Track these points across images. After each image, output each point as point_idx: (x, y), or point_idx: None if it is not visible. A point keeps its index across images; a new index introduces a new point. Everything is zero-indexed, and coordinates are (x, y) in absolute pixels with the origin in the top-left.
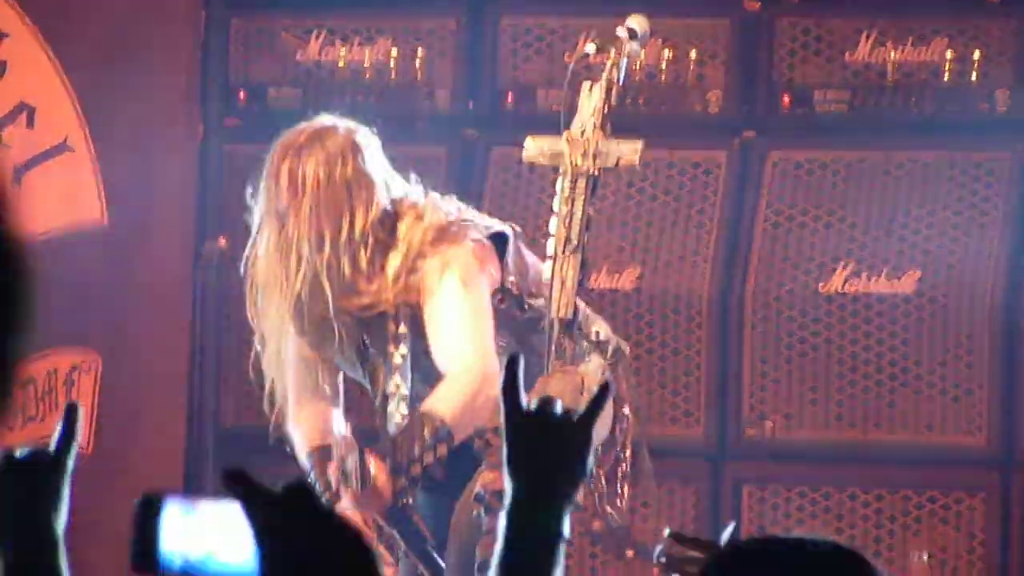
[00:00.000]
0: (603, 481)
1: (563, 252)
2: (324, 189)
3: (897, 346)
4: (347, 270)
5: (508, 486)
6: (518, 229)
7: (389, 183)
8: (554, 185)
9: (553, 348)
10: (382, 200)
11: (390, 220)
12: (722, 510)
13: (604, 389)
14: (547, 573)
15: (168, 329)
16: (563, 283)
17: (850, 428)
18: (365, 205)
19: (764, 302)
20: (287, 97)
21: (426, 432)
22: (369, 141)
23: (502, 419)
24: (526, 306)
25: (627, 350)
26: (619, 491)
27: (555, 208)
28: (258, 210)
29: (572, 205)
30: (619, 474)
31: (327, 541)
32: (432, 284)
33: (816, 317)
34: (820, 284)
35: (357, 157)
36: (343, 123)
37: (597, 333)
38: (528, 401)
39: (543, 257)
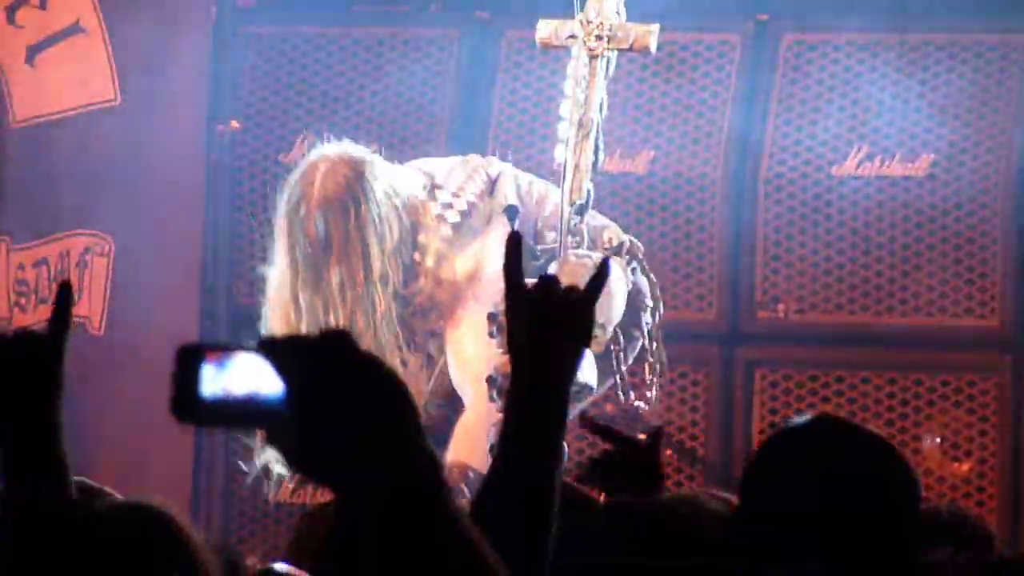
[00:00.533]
0: (625, 370)
1: (577, 136)
2: (344, 240)
3: (911, 229)
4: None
5: (511, 365)
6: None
7: (401, 204)
8: (567, 68)
9: (567, 232)
10: (407, 221)
11: (410, 236)
12: (735, 393)
13: (603, 268)
14: (550, 446)
15: (181, 210)
16: (576, 167)
17: (863, 311)
18: (382, 241)
19: (777, 185)
20: None
21: (460, 484)
22: (379, 165)
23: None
24: (539, 253)
25: (641, 248)
26: (649, 383)
27: (567, 91)
28: (278, 246)
29: (586, 88)
30: (647, 368)
31: (364, 384)
32: (453, 310)
33: (829, 200)
34: (834, 167)
35: (379, 189)
36: (347, 161)
37: (610, 239)
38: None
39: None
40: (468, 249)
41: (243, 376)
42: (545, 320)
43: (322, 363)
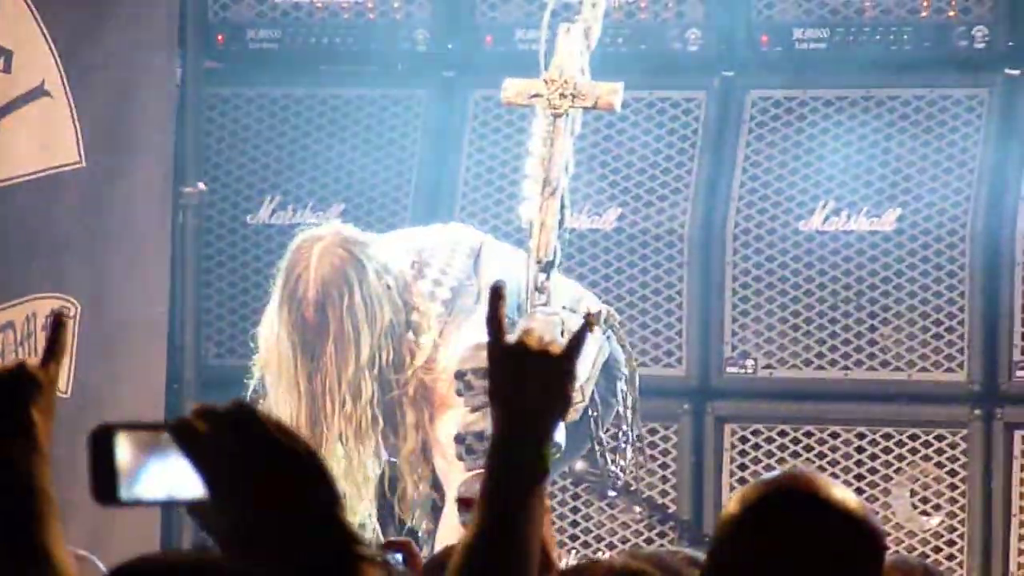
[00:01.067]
0: (603, 436)
1: (542, 193)
2: (353, 324)
3: (877, 284)
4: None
5: (492, 420)
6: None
7: (392, 283)
8: (533, 127)
9: (533, 290)
10: (399, 301)
11: (403, 314)
12: (705, 448)
13: (586, 324)
14: (529, 505)
15: (147, 273)
16: (542, 224)
17: (831, 366)
18: (391, 317)
19: (744, 241)
20: (266, 39)
21: None
22: (371, 246)
23: (485, 352)
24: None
25: (617, 317)
26: (623, 450)
27: (532, 150)
28: (279, 330)
29: (551, 146)
30: (620, 436)
31: (277, 458)
32: (444, 394)
33: (797, 256)
34: (801, 222)
35: (371, 271)
36: (339, 242)
37: (588, 310)
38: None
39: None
40: (460, 330)
41: (157, 460)
42: (526, 374)
43: (230, 444)
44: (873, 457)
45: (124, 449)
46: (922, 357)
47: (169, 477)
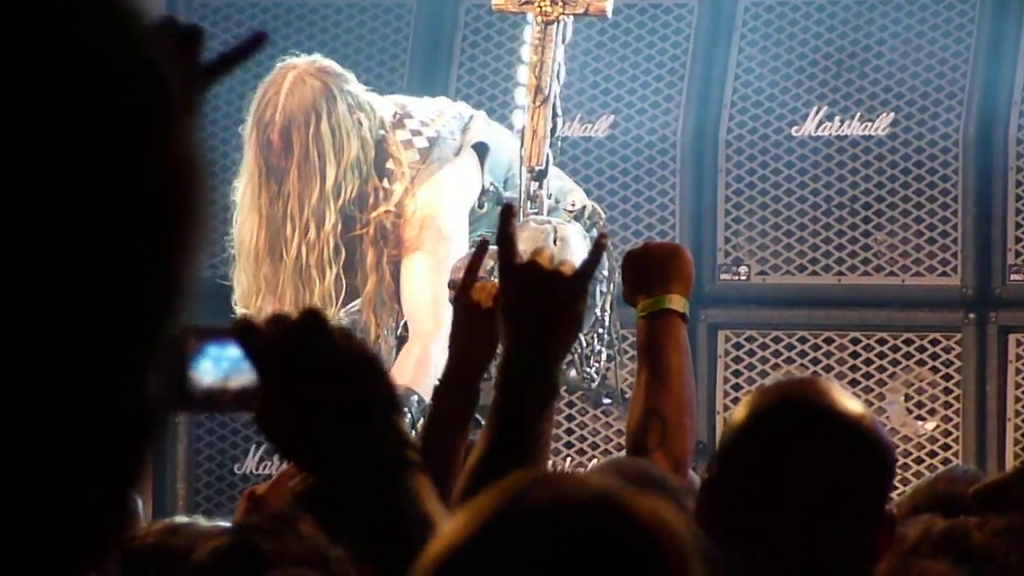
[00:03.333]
0: (582, 338)
1: (534, 102)
2: (318, 149)
3: (871, 189)
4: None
5: (503, 337)
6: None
7: (366, 121)
8: (523, 34)
9: (526, 198)
10: (371, 139)
11: (381, 150)
12: (698, 354)
13: (596, 249)
14: (540, 423)
15: None
16: (534, 133)
17: (825, 272)
18: (358, 153)
19: (737, 148)
20: None
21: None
22: (348, 81)
23: (497, 271)
24: (505, 199)
25: (603, 216)
26: (597, 354)
27: (524, 57)
28: (246, 154)
29: (542, 54)
30: (595, 337)
31: (337, 366)
32: (412, 237)
33: (790, 161)
34: (793, 128)
35: (342, 103)
36: (315, 71)
37: (573, 203)
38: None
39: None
40: (433, 177)
41: (219, 362)
42: (539, 294)
43: (295, 348)
44: (868, 363)
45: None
46: (916, 262)
47: (224, 367)
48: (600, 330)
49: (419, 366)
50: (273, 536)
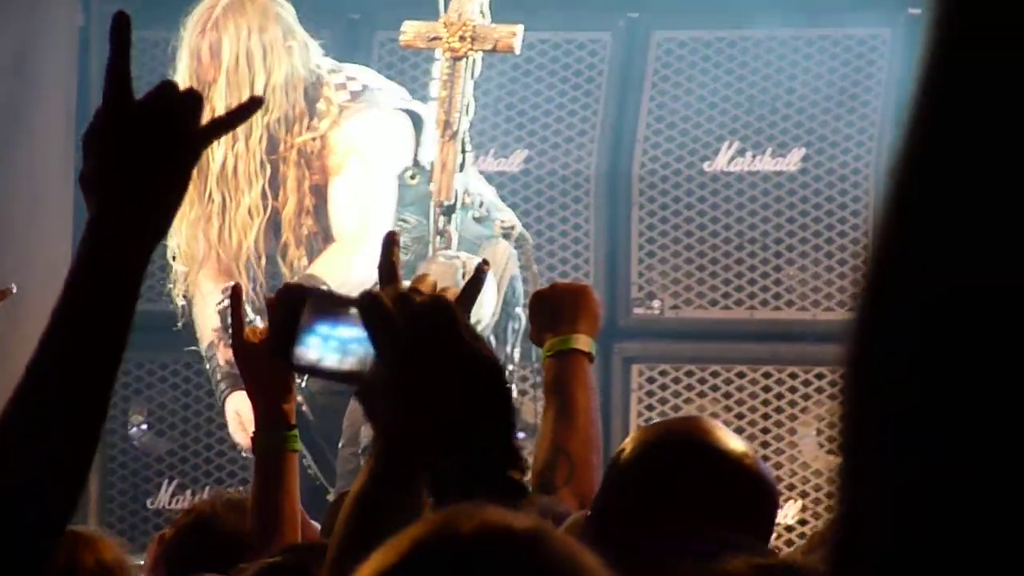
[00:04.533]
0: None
1: (443, 136)
2: (248, 60)
3: (783, 223)
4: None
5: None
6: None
7: (303, 49)
8: (432, 70)
9: (435, 233)
10: (301, 69)
11: (313, 89)
12: (612, 388)
13: (479, 271)
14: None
15: (47, 217)
16: (444, 166)
17: (737, 306)
18: (287, 74)
19: (650, 183)
20: None
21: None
22: (285, 9)
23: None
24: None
25: (530, 239)
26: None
27: (433, 93)
28: (178, 66)
29: (451, 89)
30: (505, 356)
31: (465, 366)
32: (336, 163)
33: (702, 196)
34: (706, 163)
35: (276, 26)
36: None
37: (502, 221)
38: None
39: None
40: (361, 114)
41: (327, 340)
42: (415, 320)
43: (422, 336)
44: (779, 396)
45: (307, 316)
46: (827, 296)
47: (333, 345)
48: (511, 365)
49: (335, 261)
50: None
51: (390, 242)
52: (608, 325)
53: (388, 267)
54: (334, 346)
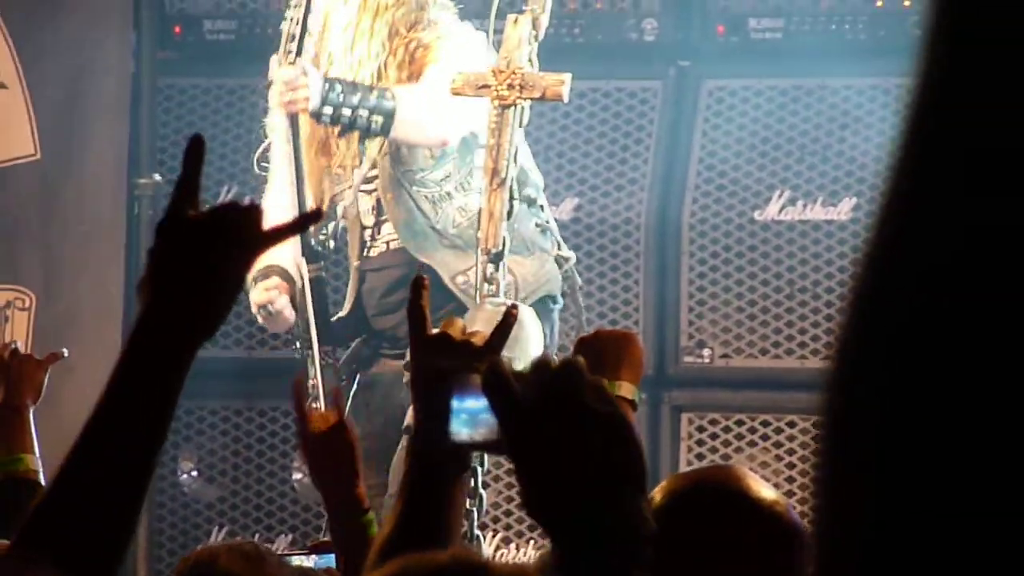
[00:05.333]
0: None
1: (491, 184)
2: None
3: (833, 273)
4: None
5: (412, 412)
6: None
7: None
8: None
9: (483, 280)
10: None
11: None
12: (661, 438)
13: (508, 316)
14: (451, 495)
15: (102, 265)
16: (491, 215)
17: (788, 355)
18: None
19: (700, 231)
20: (223, 30)
21: (372, 93)
22: None
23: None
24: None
25: (579, 282)
26: None
27: (482, 141)
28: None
29: (499, 137)
30: None
31: (594, 432)
32: (432, 57)
33: (753, 245)
34: (756, 212)
35: None
36: None
37: (560, 250)
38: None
39: None
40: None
41: (459, 415)
42: (448, 361)
43: (551, 408)
44: None
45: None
46: None
47: (463, 419)
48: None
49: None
50: None
51: (419, 286)
52: (658, 374)
53: (418, 311)
54: (464, 420)
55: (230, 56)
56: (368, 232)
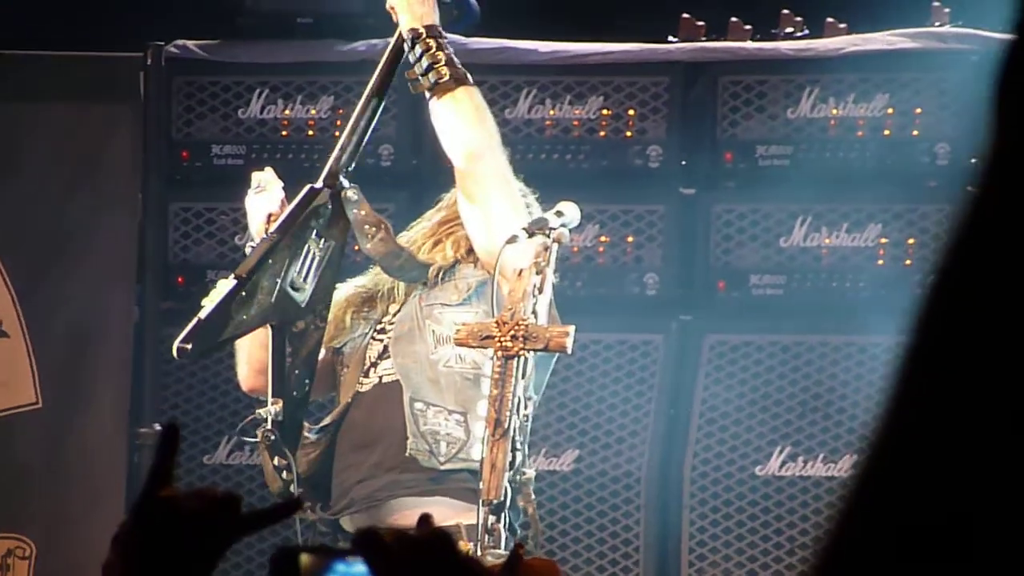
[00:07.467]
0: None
1: (493, 435)
2: None
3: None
4: None
5: None
6: None
7: None
8: (485, 368)
9: (484, 531)
10: None
11: None
12: None
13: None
14: None
15: (103, 513)
16: (493, 466)
17: None
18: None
19: (701, 485)
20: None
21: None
22: None
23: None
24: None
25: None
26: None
27: (483, 391)
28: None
29: (502, 388)
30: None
31: None
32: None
33: (753, 500)
34: (757, 467)
35: None
36: None
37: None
38: None
39: None
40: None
41: (357, 572)
42: None
43: (423, 568)
44: None
45: (306, 561)
46: None
47: None
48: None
49: None
50: None
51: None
52: None
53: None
54: None
55: None
56: (364, 368)
